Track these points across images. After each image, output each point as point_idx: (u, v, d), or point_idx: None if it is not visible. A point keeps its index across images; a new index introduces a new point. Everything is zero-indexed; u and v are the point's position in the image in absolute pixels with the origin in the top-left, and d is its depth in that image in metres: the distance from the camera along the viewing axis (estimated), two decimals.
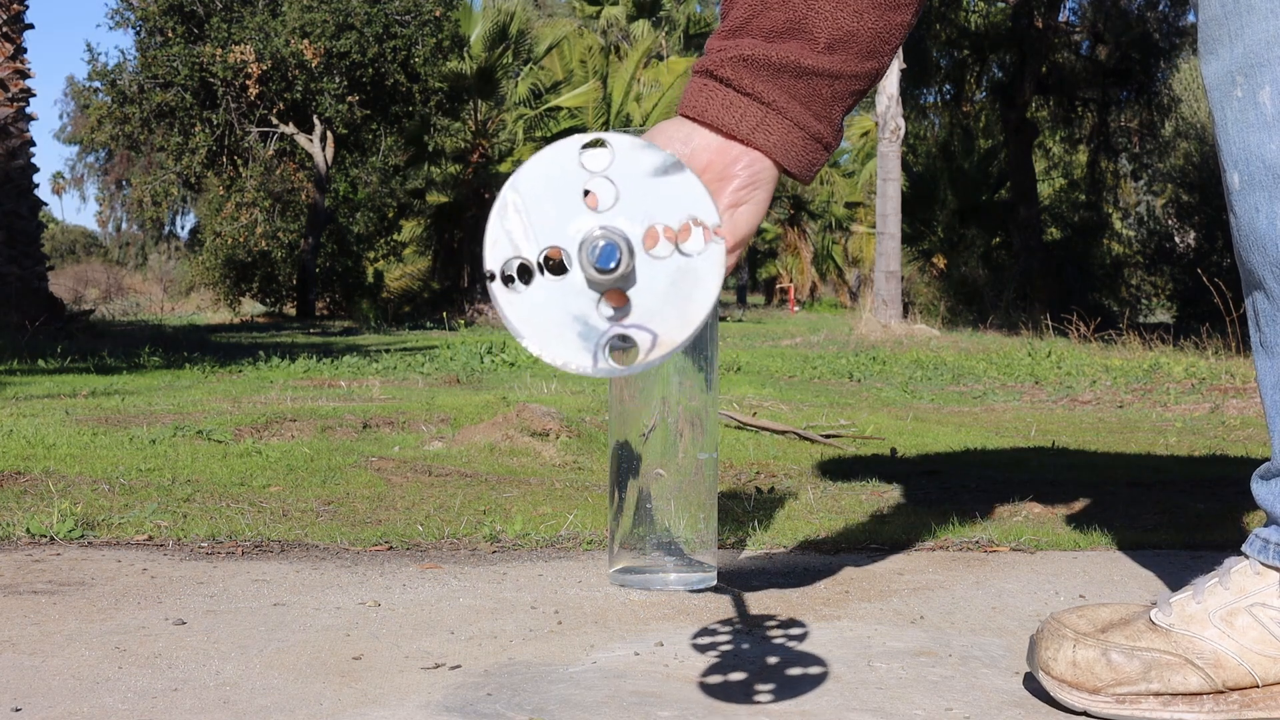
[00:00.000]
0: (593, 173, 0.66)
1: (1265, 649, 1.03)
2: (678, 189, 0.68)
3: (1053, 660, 1.06)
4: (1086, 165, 20.64)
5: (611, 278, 0.67)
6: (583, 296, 0.67)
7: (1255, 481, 1.10)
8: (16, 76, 10.71)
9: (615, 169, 0.66)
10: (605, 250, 0.66)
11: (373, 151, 18.61)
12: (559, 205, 0.65)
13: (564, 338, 0.67)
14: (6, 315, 9.63)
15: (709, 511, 1.55)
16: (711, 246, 0.70)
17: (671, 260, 0.70)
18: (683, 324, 0.71)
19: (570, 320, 0.67)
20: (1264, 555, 1.06)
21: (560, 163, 0.64)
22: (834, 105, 0.96)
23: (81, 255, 41.42)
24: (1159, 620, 1.07)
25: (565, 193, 0.65)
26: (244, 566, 1.63)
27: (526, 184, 0.64)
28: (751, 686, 1.13)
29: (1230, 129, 1.04)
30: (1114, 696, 1.04)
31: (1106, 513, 2.08)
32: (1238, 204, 1.05)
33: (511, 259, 0.66)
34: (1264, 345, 1.07)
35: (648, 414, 1.52)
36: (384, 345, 9.49)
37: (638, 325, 0.69)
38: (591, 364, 0.68)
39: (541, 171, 0.65)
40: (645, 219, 0.68)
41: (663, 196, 0.67)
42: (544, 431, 2.90)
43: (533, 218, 0.65)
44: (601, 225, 0.66)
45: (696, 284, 0.71)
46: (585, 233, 0.66)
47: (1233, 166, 1.04)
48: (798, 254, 29.74)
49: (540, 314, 0.66)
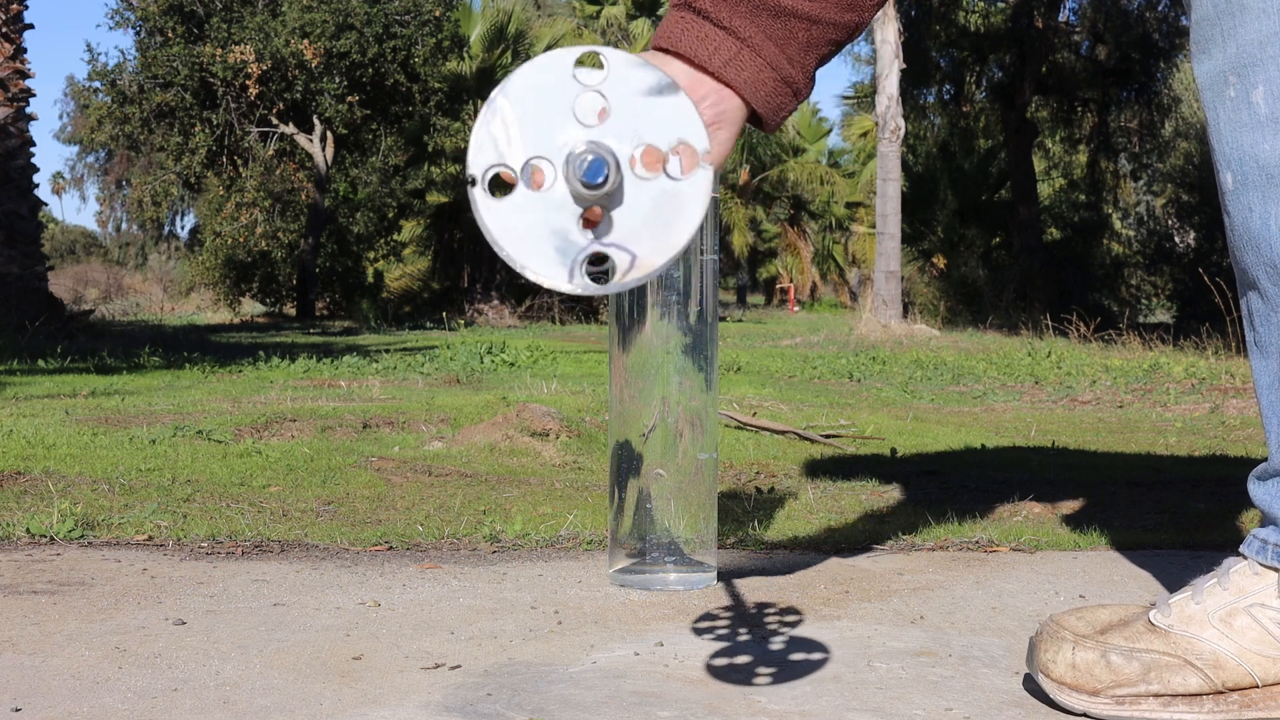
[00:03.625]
0: (585, 86, 0.65)
1: (1264, 649, 1.03)
2: (670, 111, 0.67)
3: (1052, 662, 1.06)
4: (1086, 165, 20.64)
5: (597, 194, 0.66)
6: (564, 211, 0.66)
7: (1252, 482, 1.10)
8: (16, 76, 10.71)
9: (608, 85, 0.65)
10: (593, 165, 0.65)
11: (373, 151, 18.61)
12: (548, 115, 0.63)
13: (541, 250, 0.66)
14: (6, 315, 9.63)
15: (709, 511, 1.55)
16: (699, 172, 0.68)
17: (657, 182, 0.69)
18: (663, 248, 0.69)
19: (549, 234, 0.66)
20: (1262, 556, 1.06)
21: (553, 72, 0.63)
22: (809, 51, 0.95)
23: (81, 255, 41.41)
24: (1158, 621, 1.07)
25: (555, 104, 0.64)
26: (244, 566, 1.63)
27: (517, 91, 0.63)
28: (751, 686, 1.13)
29: (1223, 129, 1.03)
30: (1113, 698, 1.04)
31: (1106, 513, 2.08)
32: (1231, 204, 1.04)
33: (495, 165, 0.65)
34: (1259, 345, 1.07)
35: (648, 414, 1.52)
36: (384, 345, 9.49)
37: (617, 245, 0.68)
38: (567, 279, 0.66)
39: (533, 80, 0.63)
40: (634, 138, 0.67)
41: (654, 117, 0.66)
42: (544, 431, 2.90)
43: (520, 126, 0.64)
44: (589, 140, 0.65)
45: (680, 209, 0.70)
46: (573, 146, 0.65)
47: (1226, 167, 1.04)
48: (798, 254, 29.74)
49: (519, 224, 0.65)
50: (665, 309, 1.52)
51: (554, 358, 7.51)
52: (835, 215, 29.33)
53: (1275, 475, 1.06)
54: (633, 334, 1.53)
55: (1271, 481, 1.07)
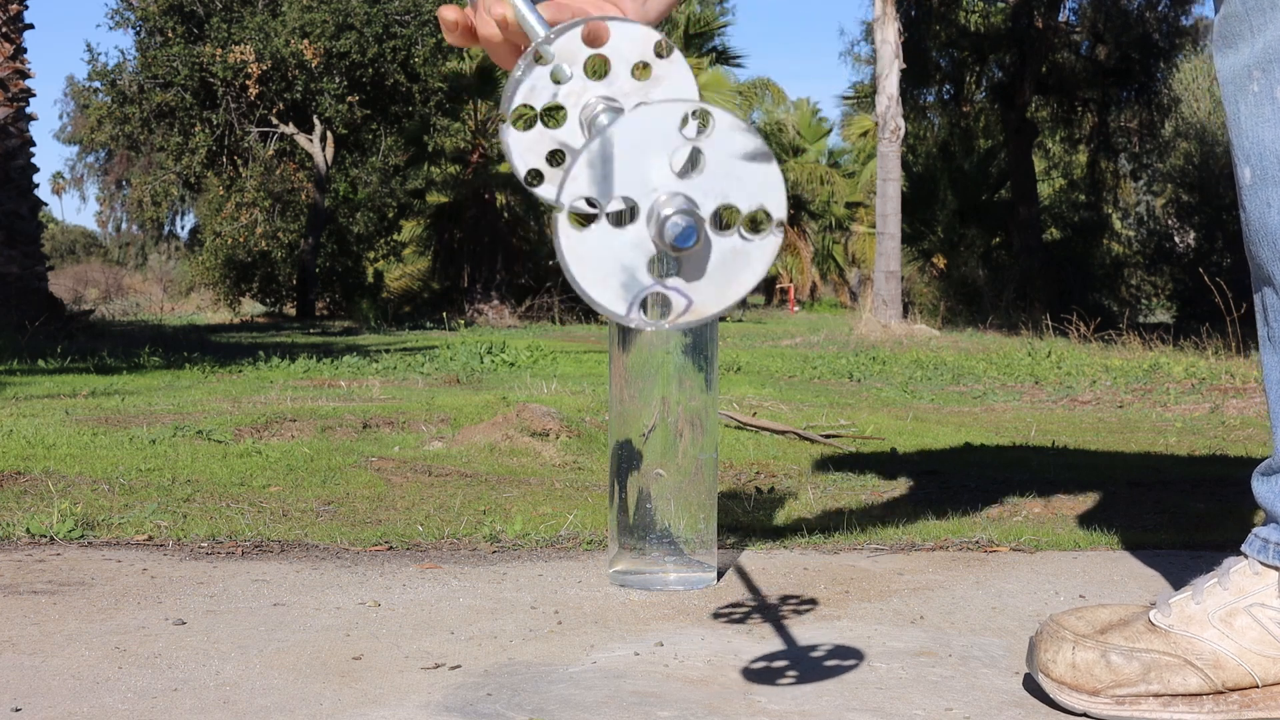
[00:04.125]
0: (688, 139, 0.68)
1: (1264, 649, 1.03)
2: (759, 177, 0.70)
3: (1052, 662, 1.06)
4: (1086, 165, 20.64)
5: (680, 254, 0.70)
6: (637, 251, 0.69)
7: (1256, 479, 1.09)
8: (16, 76, 10.71)
9: (709, 143, 0.68)
10: (685, 231, 0.68)
11: (373, 151, 18.61)
12: (646, 160, 0.67)
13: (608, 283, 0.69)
14: (6, 315, 9.63)
15: (709, 511, 1.55)
16: (770, 237, 0.72)
17: (730, 240, 0.72)
18: (720, 299, 0.73)
19: (618, 269, 0.70)
20: (1263, 555, 1.06)
21: (663, 122, 0.66)
22: None
23: (81, 255, 41.40)
24: (1158, 621, 1.07)
25: (656, 150, 0.67)
26: (244, 566, 1.63)
27: (623, 134, 0.66)
28: (751, 686, 1.13)
29: (1244, 123, 1.03)
30: (1113, 698, 1.04)
31: (1106, 513, 2.08)
32: (1248, 199, 1.04)
33: (585, 197, 0.67)
34: (1271, 340, 1.07)
35: (648, 414, 1.52)
36: (384, 345, 9.49)
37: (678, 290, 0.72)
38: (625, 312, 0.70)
39: (640, 125, 0.66)
40: (720, 196, 0.70)
41: (743, 180, 0.69)
42: (544, 431, 2.90)
43: (618, 165, 0.67)
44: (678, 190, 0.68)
45: (745, 266, 0.73)
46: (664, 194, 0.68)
47: (1244, 161, 1.03)
48: (798, 254, 29.73)
49: (593, 256, 0.68)
50: None
51: (554, 358, 7.51)
52: (835, 215, 29.32)
53: (1279, 472, 1.06)
54: (633, 334, 1.53)
55: (1275, 478, 1.07)
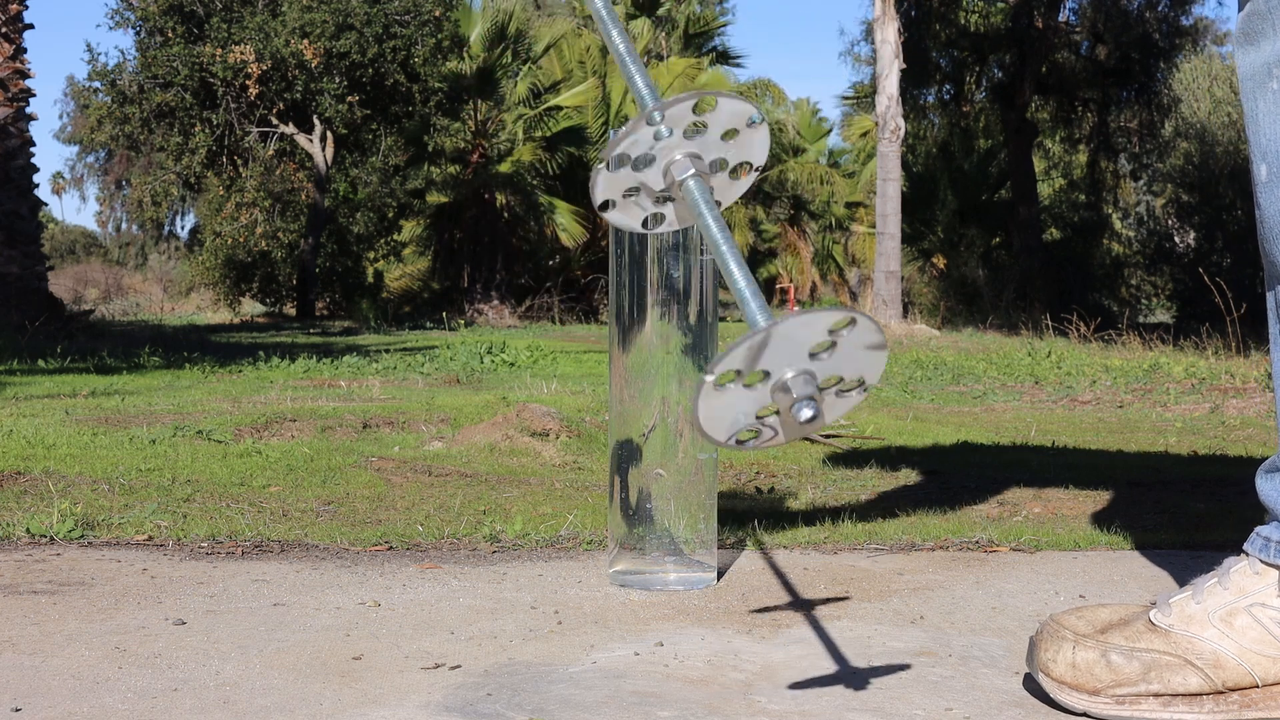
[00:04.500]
0: (830, 333, 0.80)
1: (1264, 649, 1.03)
2: (874, 360, 0.83)
3: (1052, 662, 1.06)
4: (1086, 165, 20.63)
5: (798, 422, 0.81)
6: (753, 403, 0.81)
7: (1260, 477, 1.09)
8: (16, 76, 10.71)
9: (846, 337, 0.80)
10: (813, 416, 0.79)
11: (373, 151, 18.60)
12: (791, 349, 0.80)
13: (721, 423, 0.82)
14: (6, 315, 9.63)
15: (709, 511, 1.55)
16: (854, 394, 0.85)
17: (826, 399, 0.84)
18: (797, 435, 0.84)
19: (735, 414, 0.82)
20: (1264, 553, 1.06)
21: (815, 327, 0.79)
22: None
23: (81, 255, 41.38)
24: (1158, 621, 1.07)
25: (801, 344, 0.80)
26: (244, 566, 1.63)
27: (784, 332, 0.78)
28: (751, 686, 1.13)
29: (1261, 120, 1.02)
30: (1114, 698, 1.04)
31: (1106, 513, 2.08)
32: (1264, 196, 1.03)
33: (734, 370, 0.80)
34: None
35: (648, 414, 1.52)
36: (384, 345, 9.49)
37: (771, 427, 0.84)
38: (724, 439, 0.83)
39: (797, 326, 0.79)
40: (838, 371, 0.83)
41: (863, 362, 0.83)
42: (544, 431, 2.90)
43: (768, 352, 0.80)
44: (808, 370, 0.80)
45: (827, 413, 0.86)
46: (794, 371, 0.80)
47: (1261, 158, 1.03)
48: (798, 254, 29.73)
49: (720, 406, 0.81)
50: (665, 309, 1.52)
51: (554, 358, 7.50)
52: (835, 215, 29.32)
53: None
54: (633, 334, 1.53)
55: (1278, 476, 1.07)
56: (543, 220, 19.35)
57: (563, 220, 19.01)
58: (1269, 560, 1.05)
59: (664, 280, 1.52)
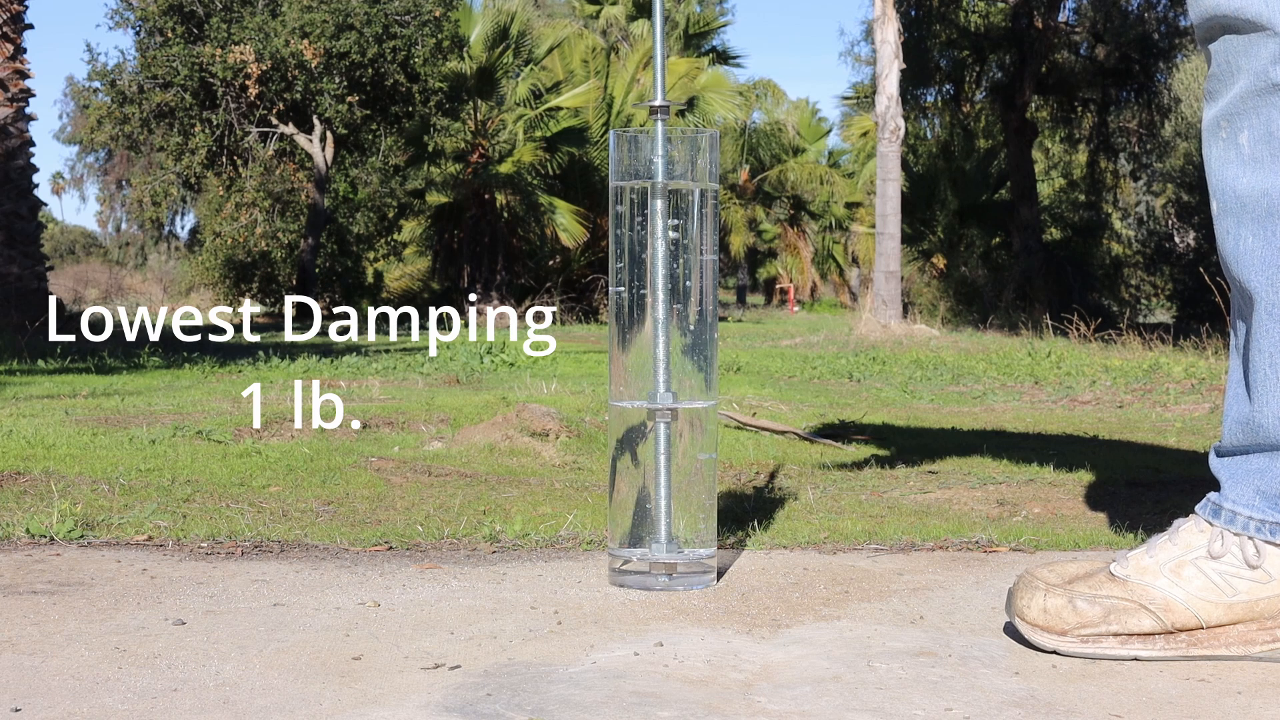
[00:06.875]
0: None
1: (1208, 595, 1.21)
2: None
3: (1026, 608, 1.24)
4: (1086, 165, 20.64)
5: None
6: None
7: (1210, 453, 1.32)
8: (16, 76, 10.71)
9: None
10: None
11: (373, 151, 18.59)
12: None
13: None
14: (6, 315, 9.62)
15: (709, 511, 1.55)
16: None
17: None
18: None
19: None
20: (1208, 513, 1.26)
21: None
22: None
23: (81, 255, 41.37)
24: (1117, 572, 1.26)
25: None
26: (244, 566, 1.63)
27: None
28: (751, 686, 1.13)
29: (1213, 164, 1.26)
30: (1079, 637, 1.22)
31: (1106, 513, 2.08)
32: (1217, 226, 1.26)
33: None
34: (1237, 347, 1.28)
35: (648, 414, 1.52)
36: (384, 345, 9.48)
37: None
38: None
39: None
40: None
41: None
42: (544, 431, 2.90)
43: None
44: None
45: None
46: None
47: (1214, 195, 1.26)
48: (798, 254, 29.73)
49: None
50: (665, 309, 1.52)
51: (554, 358, 7.50)
52: (835, 215, 29.32)
53: (1229, 453, 1.28)
54: (633, 334, 1.53)
55: (1225, 458, 1.28)
56: (543, 220, 19.33)
57: (563, 220, 18.99)
58: (1211, 520, 1.25)
59: (664, 280, 1.52)
